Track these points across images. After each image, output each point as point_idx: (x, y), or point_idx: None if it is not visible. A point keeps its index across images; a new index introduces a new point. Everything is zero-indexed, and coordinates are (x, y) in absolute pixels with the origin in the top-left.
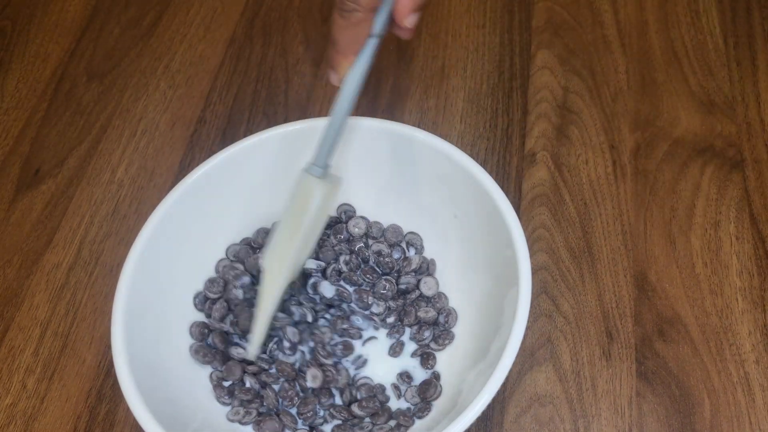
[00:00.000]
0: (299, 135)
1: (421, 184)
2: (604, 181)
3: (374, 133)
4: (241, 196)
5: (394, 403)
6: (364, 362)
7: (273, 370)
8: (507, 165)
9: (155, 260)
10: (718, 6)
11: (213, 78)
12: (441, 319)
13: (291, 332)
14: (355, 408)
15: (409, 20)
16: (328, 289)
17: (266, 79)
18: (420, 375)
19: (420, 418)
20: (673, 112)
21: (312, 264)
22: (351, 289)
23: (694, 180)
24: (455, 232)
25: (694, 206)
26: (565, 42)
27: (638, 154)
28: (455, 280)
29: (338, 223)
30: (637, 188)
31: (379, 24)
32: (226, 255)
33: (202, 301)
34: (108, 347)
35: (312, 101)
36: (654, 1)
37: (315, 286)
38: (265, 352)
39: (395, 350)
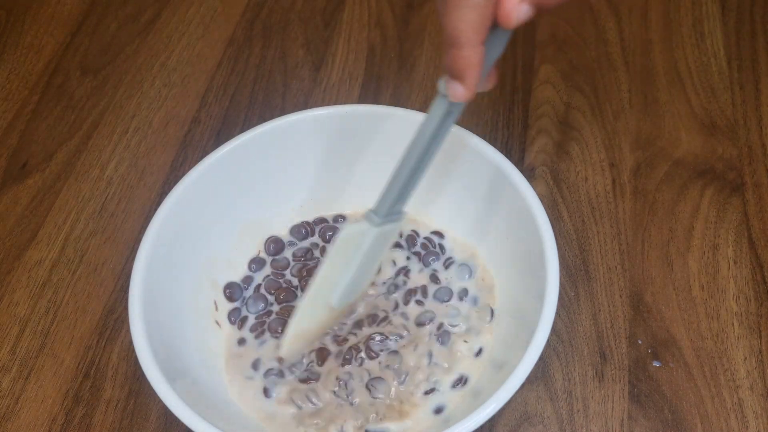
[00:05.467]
0: (320, 121)
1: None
2: (603, 199)
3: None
4: (264, 176)
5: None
6: None
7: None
8: None
9: (172, 236)
10: (723, 29)
11: (210, 78)
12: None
13: None
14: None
15: (518, 12)
16: None
17: (264, 82)
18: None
19: None
20: (674, 133)
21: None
22: None
23: (694, 202)
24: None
25: (692, 228)
26: (568, 58)
27: (638, 174)
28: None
29: None
30: (636, 208)
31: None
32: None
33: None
34: (88, 348)
35: (310, 105)
36: (659, 21)
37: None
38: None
39: None
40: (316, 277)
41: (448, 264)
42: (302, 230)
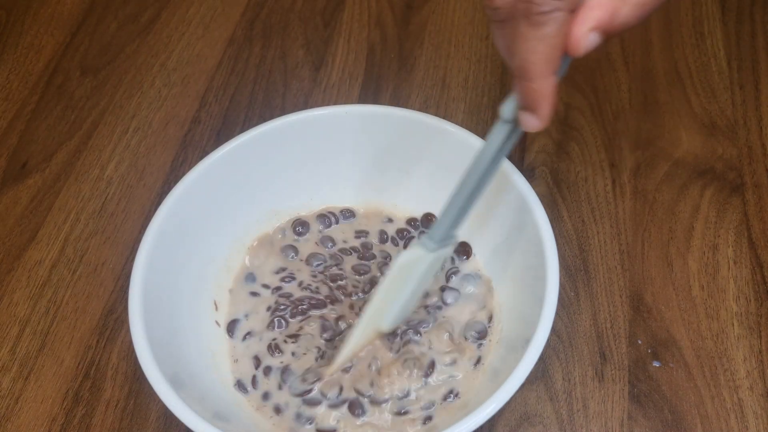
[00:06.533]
0: (313, 122)
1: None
2: (603, 200)
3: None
4: (264, 176)
5: None
6: None
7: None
8: None
9: (172, 239)
10: (723, 29)
11: (210, 78)
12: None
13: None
14: None
15: (586, 42)
16: None
17: (264, 82)
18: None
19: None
20: (674, 133)
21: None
22: None
23: (694, 202)
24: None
25: (692, 228)
26: None
27: (638, 174)
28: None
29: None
30: (635, 208)
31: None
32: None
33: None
34: (88, 348)
35: (310, 106)
36: (659, 21)
37: None
38: None
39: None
40: (371, 303)
41: (450, 274)
42: (298, 228)
